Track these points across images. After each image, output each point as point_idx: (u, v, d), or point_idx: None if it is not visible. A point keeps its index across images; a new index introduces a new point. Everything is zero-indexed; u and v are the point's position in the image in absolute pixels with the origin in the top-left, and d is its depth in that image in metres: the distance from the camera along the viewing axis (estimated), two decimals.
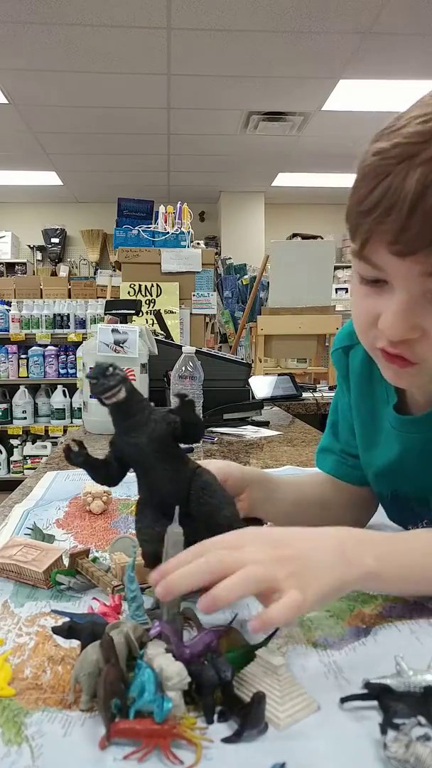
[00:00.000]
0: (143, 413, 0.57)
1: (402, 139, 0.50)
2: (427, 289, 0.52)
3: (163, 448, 0.57)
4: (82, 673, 0.44)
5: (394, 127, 0.52)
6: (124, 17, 3.12)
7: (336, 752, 0.40)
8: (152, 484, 0.60)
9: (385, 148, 0.50)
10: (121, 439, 0.59)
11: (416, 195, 0.48)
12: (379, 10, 3.07)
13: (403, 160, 0.49)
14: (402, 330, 0.54)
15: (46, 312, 5.06)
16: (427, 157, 0.48)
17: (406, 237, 0.50)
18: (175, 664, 0.43)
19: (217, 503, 0.59)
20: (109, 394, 0.54)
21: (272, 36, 3.34)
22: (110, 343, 1.67)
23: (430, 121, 0.49)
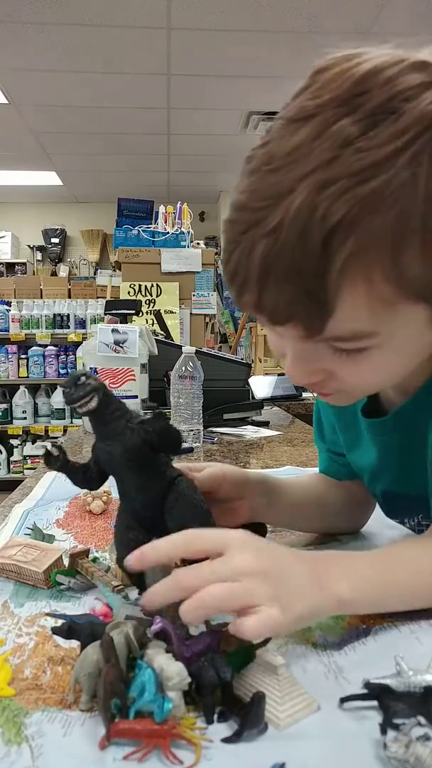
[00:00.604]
0: (119, 422, 0.56)
1: (248, 197, 0.46)
2: (312, 344, 0.50)
3: (137, 458, 0.57)
4: (82, 673, 0.44)
5: (251, 165, 0.47)
6: (124, 17, 3.12)
7: (336, 752, 0.40)
8: (126, 493, 0.60)
9: (236, 205, 0.47)
10: (98, 444, 0.59)
11: (262, 275, 0.45)
12: (379, 10, 3.07)
13: (248, 228, 0.46)
14: (302, 379, 0.54)
15: (46, 312, 5.06)
16: (267, 230, 0.44)
17: (265, 313, 0.48)
18: (175, 664, 0.43)
19: (189, 517, 0.58)
20: (80, 404, 0.54)
21: (272, 36, 3.34)
22: (110, 343, 1.67)
23: (271, 173, 0.44)
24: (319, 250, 0.43)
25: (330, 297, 0.45)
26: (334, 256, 0.43)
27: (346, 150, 0.42)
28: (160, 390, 1.78)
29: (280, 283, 0.45)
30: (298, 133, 0.44)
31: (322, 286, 0.44)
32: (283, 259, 0.44)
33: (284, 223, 0.43)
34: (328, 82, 0.46)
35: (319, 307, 0.45)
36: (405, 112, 0.42)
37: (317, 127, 0.43)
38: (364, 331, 0.48)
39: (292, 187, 0.43)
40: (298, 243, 0.43)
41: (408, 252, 0.44)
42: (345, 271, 0.44)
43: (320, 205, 0.42)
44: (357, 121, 0.42)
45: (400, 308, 0.47)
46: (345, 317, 0.46)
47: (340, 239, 0.42)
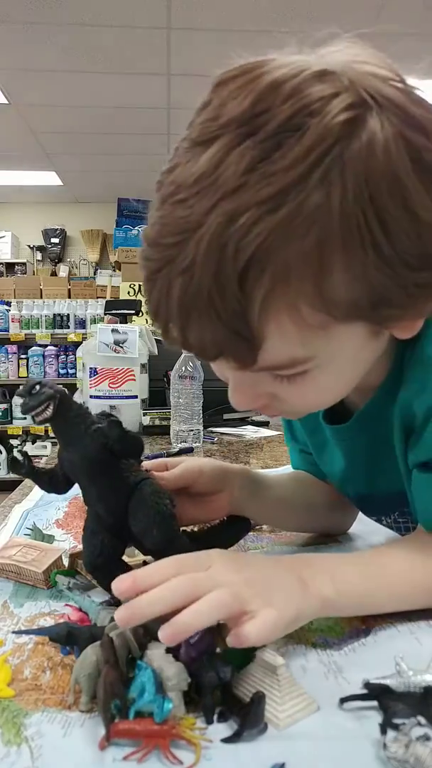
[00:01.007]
0: (79, 428, 0.56)
1: (158, 232, 0.43)
2: (251, 373, 0.48)
3: (96, 464, 0.57)
4: (81, 674, 0.44)
5: (160, 192, 0.45)
6: (124, 17, 3.12)
7: (336, 752, 0.40)
8: (89, 499, 0.60)
9: (148, 240, 0.45)
10: (61, 451, 0.59)
11: (182, 315, 0.43)
12: (379, 10, 3.07)
13: (163, 265, 0.43)
14: (245, 405, 0.52)
15: (45, 312, 5.06)
16: (182, 269, 0.41)
17: (194, 350, 0.46)
18: (174, 664, 0.43)
19: (148, 523, 0.57)
20: (35, 413, 0.55)
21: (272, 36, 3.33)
22: (110, 343, 1.67)
23: (179, 205, 0.42)
24: (236, 289, 0.40)
25: (255, 333, 0.43)
26: (252, 294, 0.41)
27: (251, 176, 0.39)
28: (160, 390, 1.78)
29: (203, 322, 0.42)
30: (201, 158, 0.42)
31: (244, 323, 0.42)
32: (200, 300, 0.41)
33: (196, 261, 0.41)
34: (227, 98, 0.43)
35: (246, 344, 0.43)
36: (309, 127, 0.39)
37: (219, 152, 0.40)
38: (299, 358, 0.46)
39: (200, 222, 0.40)
40: (213, 283, 0.40)
41: (331, 276, 0.41)
42: (266, 307, 0.41)
43: (230, 239, 0.39)
44: (259, 143, 0.39)
45: (334, 331, 0.45)
46: (275, 348, 0.44)
47: (255, 275, 0.40)
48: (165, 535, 0.58)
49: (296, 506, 0.80)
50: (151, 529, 0.57)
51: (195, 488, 0.68)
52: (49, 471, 0.62)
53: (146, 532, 0.57)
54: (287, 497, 0.79)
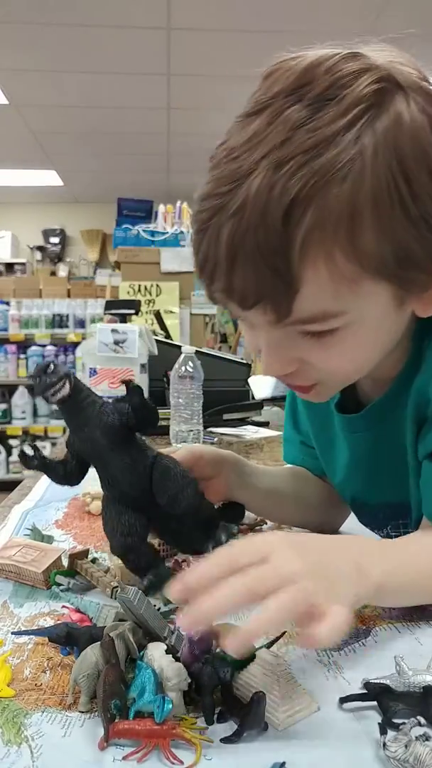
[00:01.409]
0: (93, 407, 0.56)
1: (213, 185, 0.48)
2: (284, 330, 0.51)
3: (118, 439, 0.56)
4: (81, 674, 0.44)
5: (214, 159, 0.50)
6: (124, 17, 3.12)
7: (336, 752, 0.40)
8: (112, 478, 0.59)
9: (203, 195, 0.49)
10: (75, 436, 0.58)
11: (230, 259, 0.47)
12: (379, 10, 3.07)
13: (213, 214, 0.48)
14: (276, 370, 0.55)
15: (45, 312, 5.05)
16: (231, 213, 0.46)
17: (236, 297, 0.49)
18: (174, 664, 0.43)
19: (178, 486, 0.58)
20: (52, 391, 0.53)
21: (272, 36, 3.34)
22: (110, 343, 1.67)
23: (232, 160, 0.47)
24: (280, 226, 0.45)
25: (294, 274, 0.46)
26: (294, 232, 0.45)
27: (297, 132, 0.45)
28: (160, 390, 1.78)
29: (248, 263, 0.46)
30: (253, 123, 0.48)
31: (286, 263, 0.46)
32: (247, 239, 0.46)
33: (247, 203, 0.45)
34: (275, 79, 0.50)
35: (285, 286, 0.47)
36: (345, 96, 0.46)
37: (270, 116, 0.47)
38: (330, 311, 0.49)
39: (251, 169, 0.46)
40: (261, 221, 0.45)
41: (362, 227, 0.46)
42: (306, 247, 0.45)
43: (278, 182, 0.45)
44: (305, 107, 0.46)
45: (364, 286, 0.48)
46: (311, 296, 0.47)
47: (297, 215, 0.45)
48: (194, 497, 0.58)
49: (288, 498, 0.80)
50: (181, 492, 0.57)
51: (194, 472, 0.67)
52: (61, 461, 0.61)
53: (176, 497, 0.57)
54: (279, 488, 0.80)
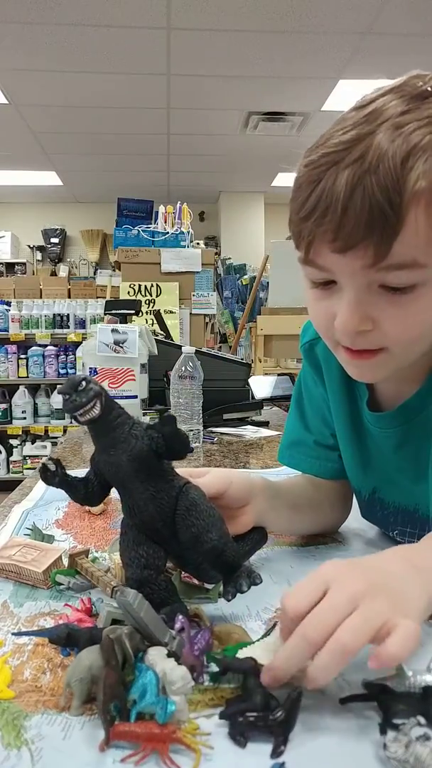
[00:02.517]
0: (122, 428, 0.53)
1: (328, 149, 0.54)
2: (371, 280, 0.56)
3: (145, 466, 0.54)
4: (74, 678, 0.44)
5: (320, 142, 0.56)
6: (124, 17, 3.12)
7: (336, 752, 0.40)
8: (134, 505, 0.55)
9: (314, 159, 0.55)
10: (100, 456, 0.55)
11: (346, 195, 0.52)
12: (379, 10, 3.07)
13: (330, 166, 0.53)
14: (355, 323, 0.57)
15: (45, 312, 5.06)
16: (351, 160, 0.52)
17: (343, 233, 0.53)
18: (179, 668, 0.42)
19: (204, 525, 0.55)
20: (81, 411, 0.50)
21: (272, 36, 3.34)
22: (110, 343, 1.67)
23: (348, 131, 0.54)
24: (399, 168, 0.51)
25: (402, 215, 0.51)
26: (409, 175, 0.51)
27: (409, 109, 0.53)
28: (160, 390, 1.78)
29: (364, 201, 0.51)
30: (365, 109, 0.54)
31: (398, 202, 0.51)
32: (367, 179, 0.51)
33: (368, 152, 0.52)
34: (377, 89, 0.57)
35: (391, 225, 0.52)
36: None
37: (382, 103, 0.54)
38: (419, 261, 0.53)
39: (371, 131, 0.53)
40: (381, 163, 0.51)
41: None
42: (415, 191, 0.51)
43: (398, 137, 0.52)
44: (410, 99, 0.54)
45: None
46: (408, 241, 0.52)
47: (413, 160, 0.51)
48: (218, 540, 0.55)
49: (305, 509, 0.80)
50: (205, 533, 0.54)
51: (223, 500, 0.66)
52: (83, 480, 0.57)
53: (199, 537, 0.54)
54: (299, 502, 0.80)
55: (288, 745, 0.40)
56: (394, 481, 0.74)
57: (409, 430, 0.69)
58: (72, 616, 0.57)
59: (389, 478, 0.74)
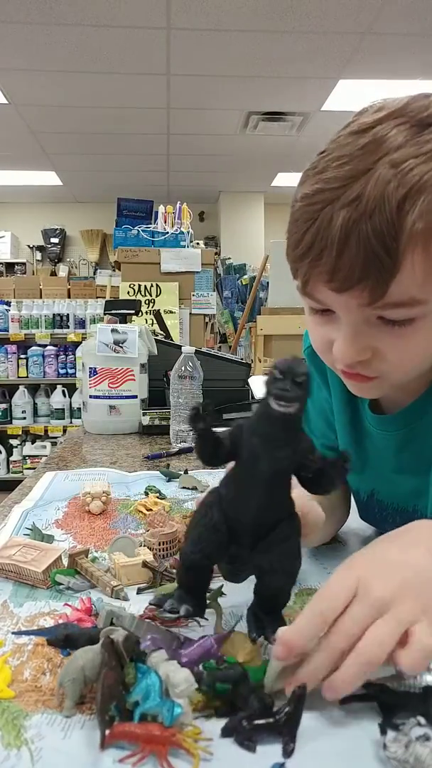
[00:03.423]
0: (300, 442, 0.48)
1: (323, 184, 0.53)
2: (369, 315, 0.56)
3: (281, 482, 0.50)
4: (66, 678, 0.44)
5: (317, 168, 0.55)
6: (124, 17, 3.12)
7: (336, 752, 0.40)
8: (242, 501, 0.50)
9: (309, 193, 0.54)
10: (251, 438, 0.49)
11: (342, 239, 0.52)
12: (379, 10, 3.07)
13: (326, 205, 0.53)
14: (352, 356, 0.58)
15: (45, 312, 5.05)
16: (347, 201, 0.52)
17: (338, 277, 0.53)
18: (182, 671, 0.42)
19: (286, 562, 0.51)
20: (284, 403, 0.44)
21: (272, 36, 3.34)
22: (110, 343, 1.67)
23: (344, 165, 0.53)
24: (395, 214, 0.50)
25: (399, 258, 0.51)
26: (405, 220, 0.51)
27: (409, 142, 0.51)
28: (160, 390, 1.78)
29: (360, 245, 0.51)
30: (364, 137, 0.53)
31: (394, 246, 0.51)
32: (362, 223, 0.51)
33: (364, 193, 0.51)
34: (379, 108, 0.55)
35: (387, 268, 0.52)
36: None
37: (381, 131, 0.52)
38: (417, 298, 0.53)
39: (367, 168, 0.51)
40: (377, 208, 0.50)
41: None
42: (411, 234, 0.51)
43: (394, 178, 0.50)
44: (413, 125, 0.52)
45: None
46: (405, 281, 0.52)
47: (409, 204, 0.50)
48: (288, 585, 0.52)
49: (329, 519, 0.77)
50: (283, 573, 0.50)
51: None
52: (219, 440, 0.50)
53: (273, 568, 0.50)
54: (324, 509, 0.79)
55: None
56: (393, 483, 0.74)
57: (410, 433, 0.70)
58: (72, 616, 0.57)
59: (388, 479, 0.75)
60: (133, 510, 0.93)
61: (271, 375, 0.45)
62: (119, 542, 0.74)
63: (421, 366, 0.62)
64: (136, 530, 0.85)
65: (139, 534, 0.82)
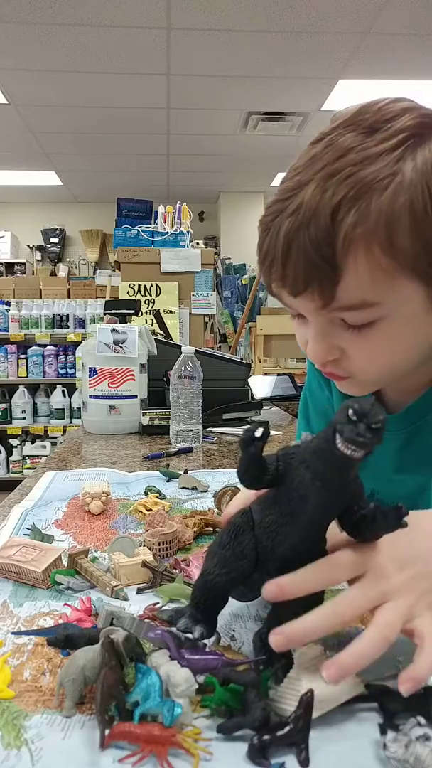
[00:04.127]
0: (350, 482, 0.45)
1: (278, 195, 0.57)
2: (331, 316, 0.58)
3: (323, 521, 0.47)
4: (66, 678, 0.44)
5: (283, 179, 0.59)
6: (124, 17, 3.12)
7: (336, 752, 0.40)
8: (278, 534, 0.47)
9: (269, 204, 0.58)
10: (303, 471, 0.45)
11: (284, 249, 0.55)
12: (379, 10, 3.07)
13: (277, 215, 0.56)
14: (320, 355, 0.61)
15: (45, 312, 5.06)
16: (290, 212, 0.55)
17: (288, 283, 0.57)
18: (182, 671, 0.42)
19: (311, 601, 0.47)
20: (355, 449, 0.41)
21: (272, 36, 3.33)
22: (109, 343, 1.67)
23: (296, 175, 0.56)
24: (329, 220, 0.53)
25: (338, 263, 0.53)
26: (340, 227, 0.53)
27: (348, 152, 0.54)
28: (160, 390, 1.78)
29: (299, 253, 0.54)
30: (315, 149, 0.56)
31: (331, 253, 0.53)
32: (301, 233, 0.54)
33: (303, 203, 0.54)
34: (337, 117, 0.59)
35: (330, 274, 0.54)
36: (391, 126, 0.54)
37: (328, 142, 0.55)
38: (368, 301, 0.55)
39: (309, 179, 0.55)
40: (313, 218, 0.53)
41: (398, 228, 0.53)
42: (348, 240, 0.53)
43: (330, 186, 0.53)
44: (357, 134, 0.54)
45: (399, 281, 0.55)
46: (352, 284, 0.54)
47: (344, 212, 0.53)
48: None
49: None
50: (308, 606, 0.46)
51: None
52: (266, 466, 0.47)
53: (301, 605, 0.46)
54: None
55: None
56: (394, 483, 0.74)
57: (411, 433, 0.70)
58: (72, 616, 0.57)
59: (389, 479, 0.75)
60: (133, 510, 0.93)
61: (344, 413, 0.42)
62: (119, 542, 0.74)
63: (393, 369, 0.63)
64: (135, 530, 0.85)
65: (139, 534, 0.82)
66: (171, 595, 0.62)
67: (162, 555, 0.74)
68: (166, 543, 0.74)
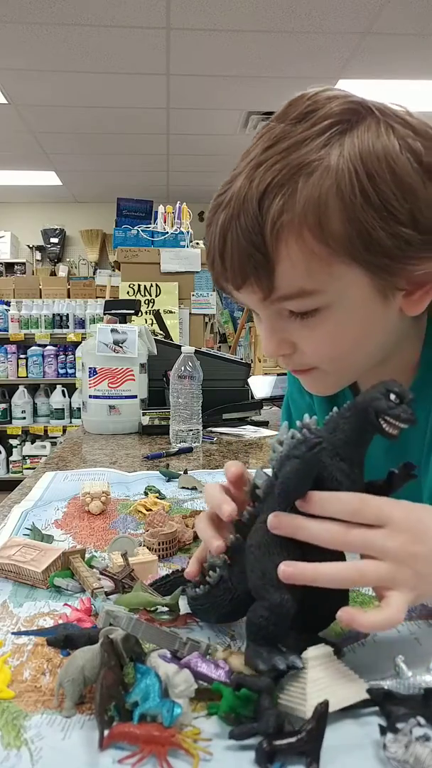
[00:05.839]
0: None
1: (220, 190, 0.58)
2: (277, 308, 0.58)
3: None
4: (66, 678, 0.44)
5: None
6: (124, 17, 3.12)
7: (336, 753, 0.40)
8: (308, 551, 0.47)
9: (213, 197, 0.59)
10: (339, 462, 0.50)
11: (220, 243, 0.56)
12: (379, 10, 3.07)
13: (216, 209, 0.57)
14: (271, 349, 0.61)
15: (45, 312, 5.06)
16: (224, 205, 0.56)
17: (228, 276, 0.57)
18: (182, 671, 0.42)
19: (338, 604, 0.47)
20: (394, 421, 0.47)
21: (272, 36, 3.33)
22: (109, 343, 1.67)
23: (234, 169, 0.57)
24: (256, 210, 0.53)
25: (270, 252, 0.53)
26: (267, 214, 0.53)
27: (276, 142, 0.54)
28: (160, 390, 1.78)
29: (234, 245, 0.55)
30: (254, 143, 0.57)
31: (261, 241, 0.53)
32: (232, 224, 0.54)
33: (233, 195, 0.55)
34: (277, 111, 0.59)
35: (264, 263, 0.54)
36: (318, 113, 0.55)
37: (260, 134, 0.57)
38: (307, 289, 0.55)
39: (240, 172, 0.56)
40: (242, 209, 0.54)
41: (328, 212, 0.52)
42: (278, 227, 0.52)
43: (256, 176, 0.54)
44: (286, 125, 0.55)
45: (336, 267, 0.55)
46: (287, 273, 0.54)
47: (270, 199, 0.53)
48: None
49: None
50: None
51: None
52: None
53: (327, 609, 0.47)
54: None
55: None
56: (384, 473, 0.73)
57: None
58: (71, 616, 0.57)
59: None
60: (133, 510, 0.93)
61: (384, 398, 0.47)
62: (119, 542, 0.74)
63: (351, 355, 0.62)
64: (135, 530, 0.85)
65: (139, 534, 0.82)
66: (130, 605, 0.57)
67: (162, 555, 0.74)
68: (166, 543, 0.74)
